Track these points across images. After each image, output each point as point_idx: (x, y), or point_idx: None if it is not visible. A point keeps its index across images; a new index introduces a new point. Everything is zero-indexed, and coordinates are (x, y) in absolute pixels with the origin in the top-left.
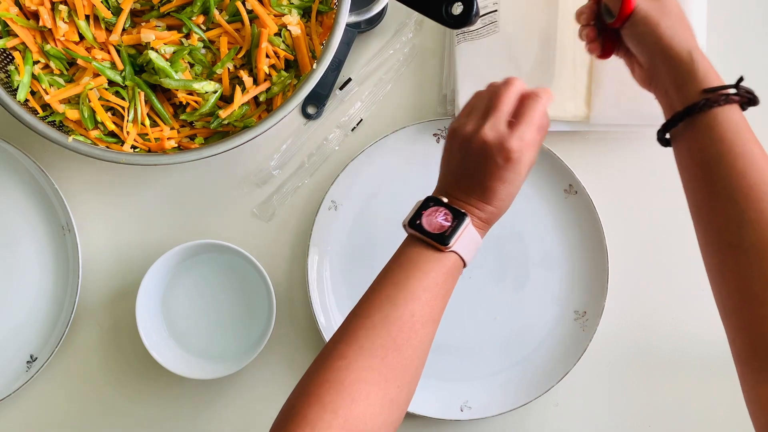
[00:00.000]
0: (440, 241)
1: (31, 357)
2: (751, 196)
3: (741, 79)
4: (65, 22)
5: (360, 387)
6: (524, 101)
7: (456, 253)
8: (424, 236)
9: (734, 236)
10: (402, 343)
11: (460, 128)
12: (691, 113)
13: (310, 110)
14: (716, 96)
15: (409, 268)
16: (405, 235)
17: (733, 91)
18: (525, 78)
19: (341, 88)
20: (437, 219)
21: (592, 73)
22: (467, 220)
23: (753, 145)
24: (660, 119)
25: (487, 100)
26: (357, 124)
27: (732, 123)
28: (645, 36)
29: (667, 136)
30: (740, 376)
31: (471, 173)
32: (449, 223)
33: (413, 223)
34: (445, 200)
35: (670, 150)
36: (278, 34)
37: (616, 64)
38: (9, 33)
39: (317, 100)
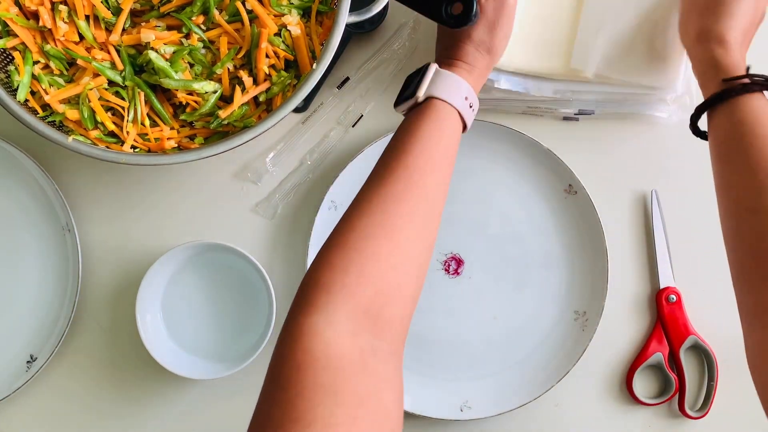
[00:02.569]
0: (410, 93)
1: (31, 357)
2: None
3: (748, 68)
4: (65, 22)
5: (368, 243)
6: None
7: (435, 98)
8: (399, 101)
9: (753, 201)
10: (400, 194)
11: None
12: (715, 103)
13: (299, 104)
14: (734, 85)
15: (398, 132)
16: None
17: (747, 81)
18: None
19: (339, 87)
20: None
21: (577, 28)
22: (430, 67)
23: None
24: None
25: None
26: (357, 120)
27: (752, 108)
28: (689, 14)
29: (700, 125)
30: (747, 333)
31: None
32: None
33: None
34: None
35: (668, 152)
36: (278, 34)
37: (605, 19)
38: (9, 33)
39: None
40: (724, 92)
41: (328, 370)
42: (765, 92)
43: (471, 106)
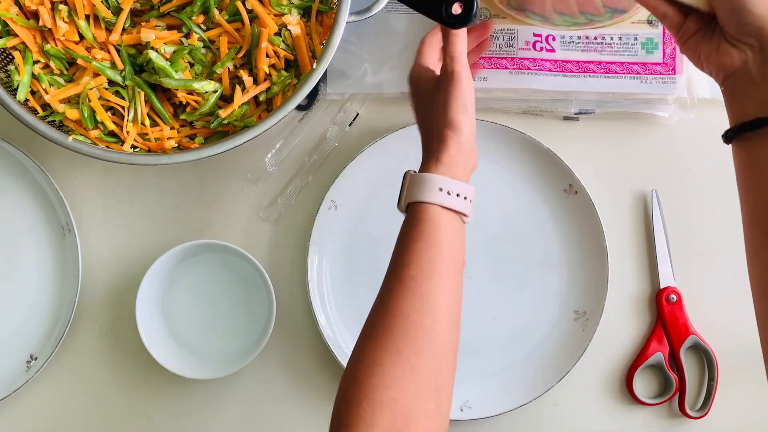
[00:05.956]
0: (398, 204)
1: (31, 357)
2: None
3: None
4: (65, 22)
5: (375, 371)
6: None
7: (418, 203)
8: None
9: None
10: (404, 311)
11: None
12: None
13: (302, 101)
14: None
15: (395, 245)
16: None
17: None
18: None
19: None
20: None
21: None
22: (405, 175)
23: None
24: None
25: None
26: (353, 119)
27: None
28: (754, 18)
29: None
30: None
31: (417, 114)
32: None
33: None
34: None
35: (668, 152)
36: (278, 34)
37: None
38: (9, 33)
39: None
40: None
41: None
42: None
43: (451, 194)
